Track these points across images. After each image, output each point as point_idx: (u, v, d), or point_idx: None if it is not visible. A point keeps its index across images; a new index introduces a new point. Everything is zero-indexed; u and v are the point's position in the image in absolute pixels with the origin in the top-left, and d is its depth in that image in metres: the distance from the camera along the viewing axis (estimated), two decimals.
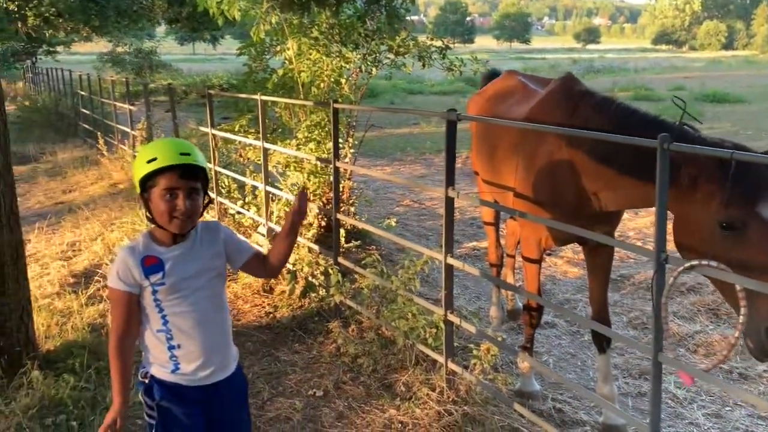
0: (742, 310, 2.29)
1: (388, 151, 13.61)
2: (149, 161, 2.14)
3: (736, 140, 2.70)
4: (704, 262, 2.32)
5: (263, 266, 2.43)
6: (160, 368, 2.25)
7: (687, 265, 2.37)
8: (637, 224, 7.96)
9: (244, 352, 4.53)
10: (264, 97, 5.79)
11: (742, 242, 2.51)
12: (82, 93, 16.02)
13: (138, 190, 2.20)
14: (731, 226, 2.53)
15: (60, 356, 4.16)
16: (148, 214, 2.22)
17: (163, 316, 2.22)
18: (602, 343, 3.82)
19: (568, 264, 6.58)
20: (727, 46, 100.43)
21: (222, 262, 2.34)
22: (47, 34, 25.27)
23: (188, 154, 2.17)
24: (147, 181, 2.15)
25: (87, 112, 15.22)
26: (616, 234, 7.38)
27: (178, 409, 2.25)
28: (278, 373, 4.24)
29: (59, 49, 34.54)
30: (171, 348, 2.23)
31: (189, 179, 2.17)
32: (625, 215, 8.18)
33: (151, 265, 2.19)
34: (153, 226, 2.24)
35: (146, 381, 2.27)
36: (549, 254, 6.71)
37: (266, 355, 4.50)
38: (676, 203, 2.74)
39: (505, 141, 4.07)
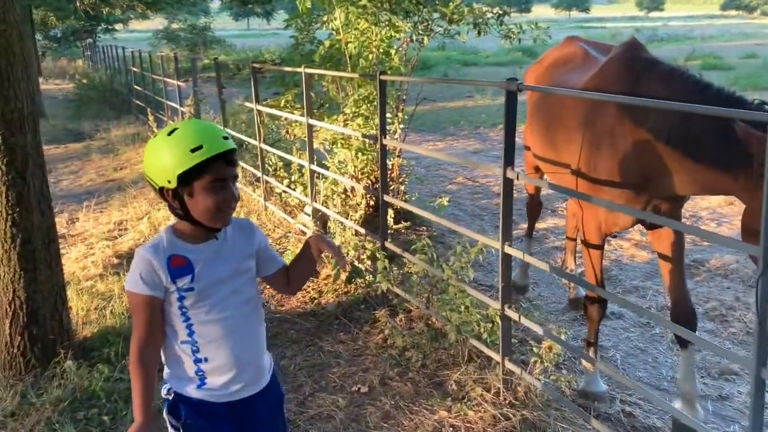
0: None
1: (440, 126, 13.16)
2: (194, 150, 1.82)
3: None
4: None
5: (287, 281, 2.15)
6: (184, 384, 1.97)
7: None
8: (710, 203, 7.35)
9: (286, 341, 4.29)
10: (308, 70, 5.48)
11: None
12: (135, 69, 16.09)
13: (168, 184, 1.85)
14: None
15: (96, 344, 4.01)
16: (179, 212, 1.90)
17: (189, 326, 1.93)
18: (683, 322, 3.31)
19: (635, 247, 6.09)
20: None
21: (254, 265, 2.05)
22: (104, 12, 25.63)
23: (227, 138, 1.89)
24: (190, 174, 1.83)
25: (139, 88, 15.28)
26: (689, 216, 6.87)
27: (206, 428, 1.97)
28: (321, 365, 3.98)
29: (117, 26, 35.13)
30: (197, 361, 1.94)
31: (234, 166, 1.90)
32: None
33: (178, 267, 1.89)
34: (179, 222, 1.94)
35: (170, 398, 1.98)
36: (614, 237, 6.24)
37: (309, 345, 4.24)
38: (748, 191, 2.45)
39: (567, 113, 3.66)
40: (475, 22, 6.31)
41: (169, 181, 1.85)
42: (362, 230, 4.96)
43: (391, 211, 4.86)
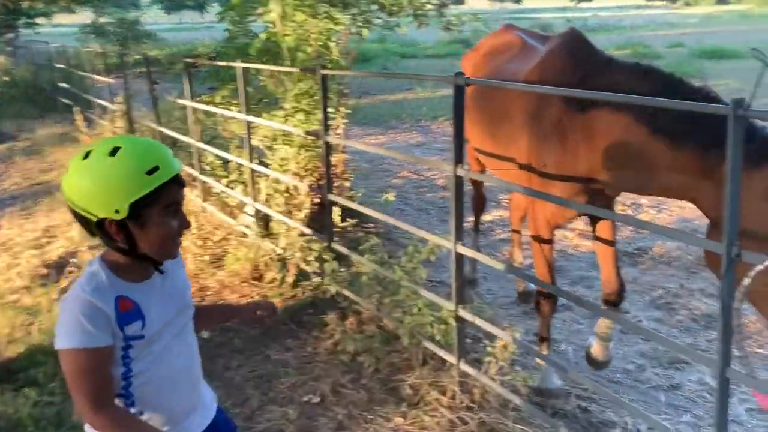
0: None
1: (382, 119, 13.03)
2: (150, 172, 1.57)
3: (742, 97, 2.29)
4: None
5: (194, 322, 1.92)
6: None
7: None
8: None
9: (231, 351, 4.09)
10: (244, 65, 5.25)
11: None
12: (60, 66, 15.30)
13: (115, 215, 1.57)
14: None
15: (22, 365, 3.70)
16: (122, 246, 1.62)
17: (128, 378, 1.65)
18: (611, 304, 3.62)
19: (579, 237, 6.12)
20: (721, 0, 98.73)
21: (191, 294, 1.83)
22: (26, 5, 24.33)
23: (173, 156, 1.66)
24: (142, 201, 1.57)
25: (66, 86, 14.54)
26: (630, 203, 6.97)
27: None
28: (269, 375, 3.79)
29: (39, 20, 33.43)
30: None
31: (184, 187, 1.68)
32: None
33: (127, 311, 1.60)
34: (110, 254, 1.66)
35: None
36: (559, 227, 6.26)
37: (256, 354, 4.05)
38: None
39: (513, 106, 3.58)
40: (414, 14, 6.20)
41: (117, 211, 1.56)
42: (308, 230, 4.78)
43: (337, 209, 4.70)
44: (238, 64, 5.23)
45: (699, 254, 5.38)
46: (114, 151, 1.58)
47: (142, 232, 1.60)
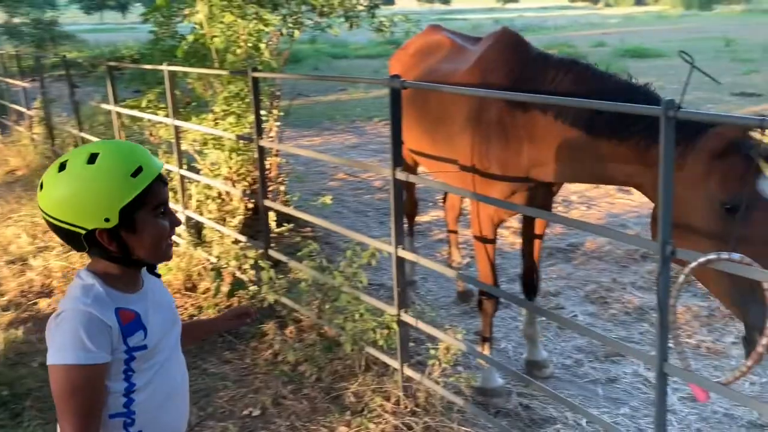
0: None
1: (316, 120, 12.92)
2: (135, 174, 1.51)
3: (663, 95, 2.38)
4: (724, 255, 1.90)
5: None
6: None
7: (703, 259, 1.94)
8: (579, 187, 7.68)
9: None
10: (171, 68, 5.07)
11: (749, 223, 2.14)
12: None
13: (106, 224, 1.51)
14: (736, 207, 2.15)
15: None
16: (116, 256, 1.56)
17: (129, 394, 1.56)
18: (530, 294, 3.89)
19: (514, 235, 6.21)
20: (639, 1, 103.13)
21: None
22: None
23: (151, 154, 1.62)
24: (132, 205, 1.52)
25: None
26: (560, 201, 7.13)
27: None
28: (207, 389, 3.66)
29: None
30: None
31: (167, 184, 1.63)
32: None
33: (129, 323, 1.54)
34: (98, 265, 1.58)
35: None
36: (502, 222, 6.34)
37: (192, 368, 3.89)
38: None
39: (452, 107, 3.58)
40: (346, 15, 6.14)
41: (107, 220, 1.50)
42: (242, 237, 4.65)
43: (272, 214, 4.60)
44: (164, 67, 5.03)
45: (629, 249, 5.56)
46: (92, 158, 1.52)
47: (136, 237, 1.55)
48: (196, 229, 5.31)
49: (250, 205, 5.56)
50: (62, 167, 1.52)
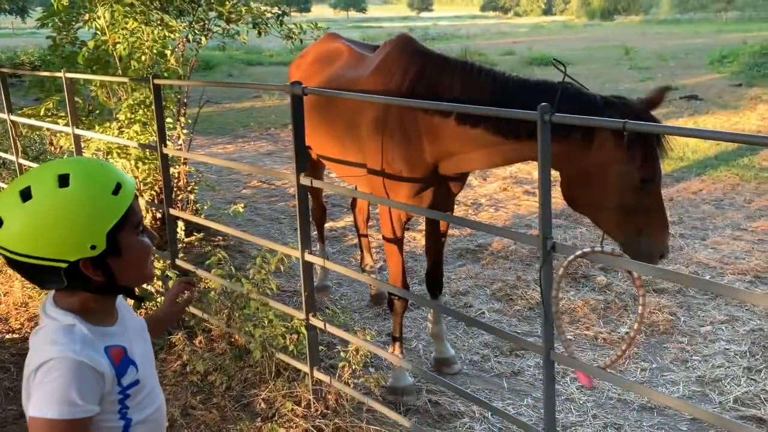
0: (641, 300, 2.06)
1: (229, 128, 12.75)
2: (115, 192, 1.39)
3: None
4: (597, 249, 2.06)
5: None
6: None
7: (579, 253, 2.09)
8: (488, 190, 7.96)
9: None
10: (70, 75, 4.90)
11: (651, 193, 2.62)
12: None
13: (92, 252, 1.37)
14: (648, 180, 2.59)
15: None
16: (100, 285, 1.43)
17: (127, 429, 1.47)
18: (435, 291, 4.01)
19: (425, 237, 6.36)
20: (547, 11, 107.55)
21: None
22: None
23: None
24: (116, 227, 1.40)
25: None
26: (470, 203, 7.37)
27: None
28: None
29: None
30: None
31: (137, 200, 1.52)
32: (474, 182, 8.22)
33: (121, 361, 1.43)
34: (68, 300, 1.44)
35: None
36: (407, 229, 6.47)
37: None
38: (572, 161, 2.73)
39: (357, 112, 3.67)
40: (254, 22, 6.13)
41: (93, 247, 1.36)
42: None
43: (181, 223, 4.52)
44: (63, 75, 4.87)
45: (532, 248, 5.81)
46: (64, 180, 1.36)
47: (121, 260, 1.42)
48: None
49: (159, 215, 5.44)
50: (26, 196, 1.34)
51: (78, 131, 4.98)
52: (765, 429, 3.41)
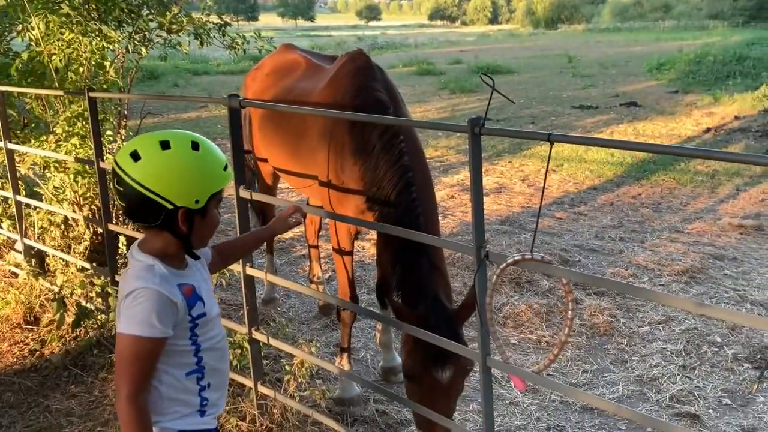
0: (570, 305, 2.12)
1: None
2: (225, 168, 1.81)
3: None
4: (528, 256, 2.11)
5: (221, 260, 2.18)
6: (185, 419, 1.84)
7: (510, 260, 2.14)
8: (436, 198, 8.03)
9: (2, 406, 3.65)
10: (2, 87, 4.76)
11: None
12: None
13: (195, 205, 1.74)
14: None
15: None
16: (181, 236, 1.77)
17: (198, 354, 1.83)
18: (384, 300, 3.88)
19: (375, 246, 6.39)
20: (493, 20, 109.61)
21: None
22: None
23: None
24: (213, 195, 1.78)
25: None
26: None
27: None
28: (50, 427, 3.45)
29: None
30: (202, 390, 1.85)
31: None
32: None
33: (191, 295, 1.78)
34: (150, 245, 1.79)
35: None
36: (356, 238, 6.48)
37: (33, 407, 3.65)
38: None
39: (309, 124, 3.68)
40: (195, 33, 6.06)
41: (197, 201, 1.73)
42: (88, 265, 4.43)
43: (123, 238, 4.42)
44: None
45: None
46: (195, 146, 1.74)
47: (203, 222, 1.77)
48: (39, 258, 4.99)
49: (100, 230, 5.30)
50: (166, 146, 1.70)
51: (11, 146, 4.82)
52: (699, 425, 3.54)
